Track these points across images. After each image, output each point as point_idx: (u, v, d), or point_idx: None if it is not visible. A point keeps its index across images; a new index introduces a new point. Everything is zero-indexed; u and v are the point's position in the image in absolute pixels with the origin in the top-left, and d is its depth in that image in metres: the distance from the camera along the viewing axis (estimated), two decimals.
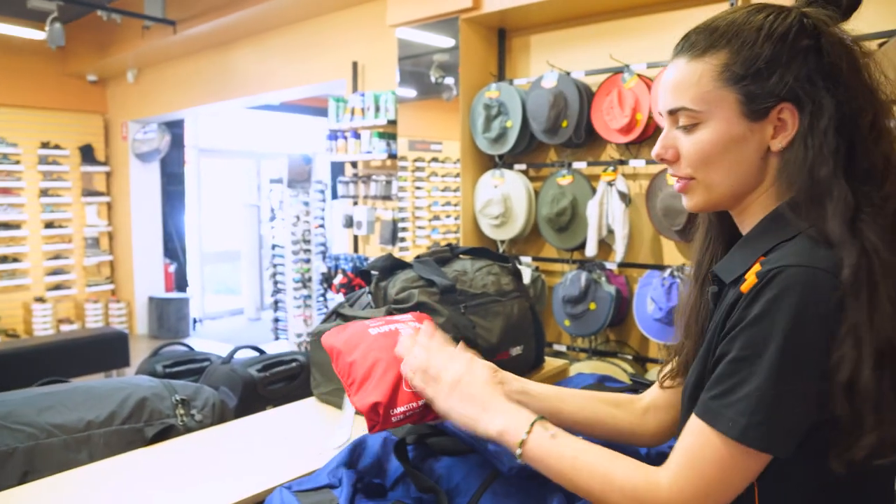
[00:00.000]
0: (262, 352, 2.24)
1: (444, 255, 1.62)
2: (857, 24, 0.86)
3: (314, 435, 1.37)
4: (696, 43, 0.87)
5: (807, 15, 0.84)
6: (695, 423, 0.80)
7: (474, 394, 0.94)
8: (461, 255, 1.68)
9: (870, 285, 0.74)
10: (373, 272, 1.56)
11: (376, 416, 0.98)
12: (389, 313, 1.45)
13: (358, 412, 1.02)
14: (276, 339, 5.80)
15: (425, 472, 1.09)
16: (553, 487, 1.00)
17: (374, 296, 1.52)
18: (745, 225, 0.91)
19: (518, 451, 0.88)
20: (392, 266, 1.55)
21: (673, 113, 0.89)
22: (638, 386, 1.47)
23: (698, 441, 0.79)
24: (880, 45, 0.82)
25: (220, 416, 1.43)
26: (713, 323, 0.87)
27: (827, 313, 0.73)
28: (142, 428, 1.28)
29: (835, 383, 0.73)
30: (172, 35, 5.55)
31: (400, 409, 0.99)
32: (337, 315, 1.52)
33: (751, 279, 0.78)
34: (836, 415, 0.74)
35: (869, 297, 0.73)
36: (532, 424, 0.88)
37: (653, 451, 1.16)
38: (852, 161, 0.80)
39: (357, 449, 1.14)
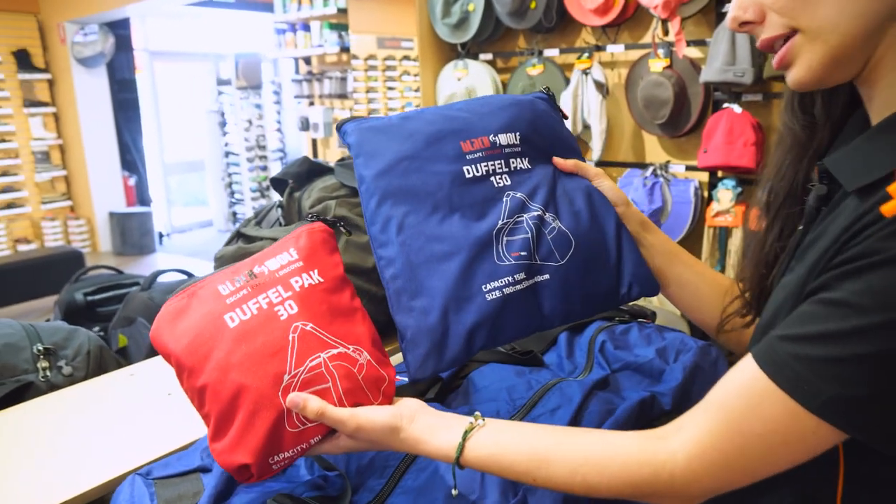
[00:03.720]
0: (190, 275, 1.98)
1: None
2: None
3: None
4: None
5: None
6: (749, 368, 0.56)
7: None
8: None
9: None
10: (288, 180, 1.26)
11: (246, 475, 0.67)
12: None
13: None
14: None
15: None
16: None
17: (287, 209, 1.22)
18: (878, 98, 0.61)
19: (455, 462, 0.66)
20: (309, 171, 1.26)
21: None
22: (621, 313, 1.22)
23: (748, 393, 0.55)
24: None
25: (98, 366, 1.15)
26: (816, 233, 0.62)
27: None
28: None
29: None
30: None
31: (284, 455, 0.67)
32: (240, 236, 1.23)
33: None
34: None
35: None
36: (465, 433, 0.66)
37: None
38: None
39: None
